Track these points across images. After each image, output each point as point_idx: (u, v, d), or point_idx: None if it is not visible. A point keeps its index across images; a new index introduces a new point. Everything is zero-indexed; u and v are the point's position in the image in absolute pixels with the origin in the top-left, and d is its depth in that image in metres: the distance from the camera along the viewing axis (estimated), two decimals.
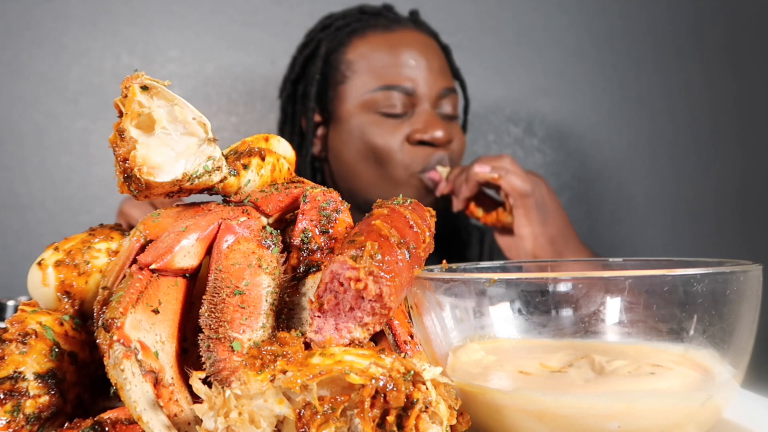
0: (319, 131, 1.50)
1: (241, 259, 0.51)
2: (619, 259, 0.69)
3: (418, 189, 1.39)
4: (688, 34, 2.12)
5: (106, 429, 0.48)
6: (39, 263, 0.57)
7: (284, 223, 0.60)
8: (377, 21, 1.46)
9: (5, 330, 0.53)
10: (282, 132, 1.55)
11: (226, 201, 0.59)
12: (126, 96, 0.51)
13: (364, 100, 1.39)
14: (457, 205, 1.33)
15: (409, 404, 0.40)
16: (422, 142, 1.38)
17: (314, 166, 1.52)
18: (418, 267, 0.51)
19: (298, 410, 0.39)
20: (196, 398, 0.45)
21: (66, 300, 0.56)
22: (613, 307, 0.54)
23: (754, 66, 2.13)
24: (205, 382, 0.44)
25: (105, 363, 0.46)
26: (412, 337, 0.53)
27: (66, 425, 0.49)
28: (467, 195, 1.30)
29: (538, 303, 0.56)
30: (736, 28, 2.13)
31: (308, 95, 1.47)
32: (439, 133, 1.37)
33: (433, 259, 0.65)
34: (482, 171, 1.25)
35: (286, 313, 0.52)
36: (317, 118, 1.49)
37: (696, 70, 2.12)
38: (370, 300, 0.45)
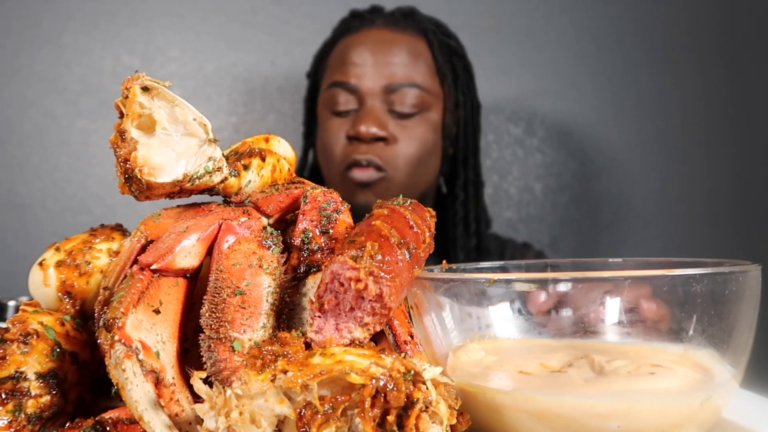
0: None
1: (242, 260, 0.51)
2: (619, 259, 0.69)
3: (348, 187, 1.40)
4: (689, 34, 2.12)
5: (108, 429, 0.48)
6: (40, 263, 0.57)
7: (285, 223, 0.60)
8: (352, 24, 1.51)
9: (7, 330, 0.53)
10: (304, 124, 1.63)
11: (227, 201, 0.59)
12: (127, 97, 0.51)
13: (322, 99, 1.47)
14: None
15: (410, 404, 0.40)
16: (353, 138, 1.39)
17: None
18: (418, 267, 0.52)
19: (298, 410, 0.39)
20: (197, 398, 0.46)
21: (67, 300, 0.56)
22: (612, 307, 0.54)
23: (756, 67, 2.13)
24: (206, 381, 0.44)
25: (106, 363, 0.46)
26: (412, 337, 0.53)
27: (67, 425, 0.49)
28: None
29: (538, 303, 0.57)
30: (738, 29, 2.14)
31: (305, 97, 1.58)
32: (364, 128, 1.35)
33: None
34: None
35: (286, 313, 0.52)
36: None
37: (697, 71, 2.12)
38: (371, 300, 0.45)
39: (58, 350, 0.53)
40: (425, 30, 1.50)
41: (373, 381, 0.39)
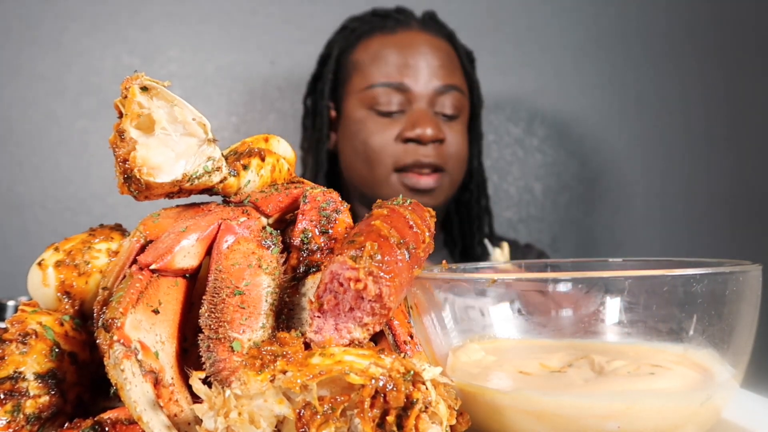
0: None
1: (241, 260, 0.51)
2: (619, 259, 0.69)
3: (397, 189, 1.41)
4: (689, 34, 2.12)
5: (106, 429, 0.48)
6: (39, 263, 0.57)
7: (284, 223, 0.60)
8: (385, 23, 1.50)
9: (5, 330, 0.53)
10: (303, 126, 1.61)
11: (226, 201, 0.59)
12: (126, 97, 0.51)
13: (360, 98, 1.44)
14: None
15: (409, 404, 0.40)
16: (410, 140, 1.40)
17: (330, 160, 1.57)
18: (418, 267, 0.51)
19: (298, 410, 0.39)
20: (196, 398, 0.46)
21: (66, 300, 0.56)
22: (612, 307, 0.54)
23: (757, 66, 2.13)
24: (205, 382, 0.44)
25: (105, 363, 0.46)
26: (411, 337, 0.53)
27: (66, 425, 0.49)
28: None
29: (538, 303, 0.56)
30: (739, 29, 2.13)
31: (323, 93, 1.54)
32: (421, 131, 1.38)
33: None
34: None
35: (286, 313, 0.52)
36: (333, 114, 1.55)
37: (697, 70, 2.12)
38: (370, 300, 0.45)
39: (56, 350, 0.52)
40: (450, 35, 1.53)
41: (373, 381, 0.39)
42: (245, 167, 0.58)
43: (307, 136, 1.59)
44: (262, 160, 0.60)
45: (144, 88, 0.51)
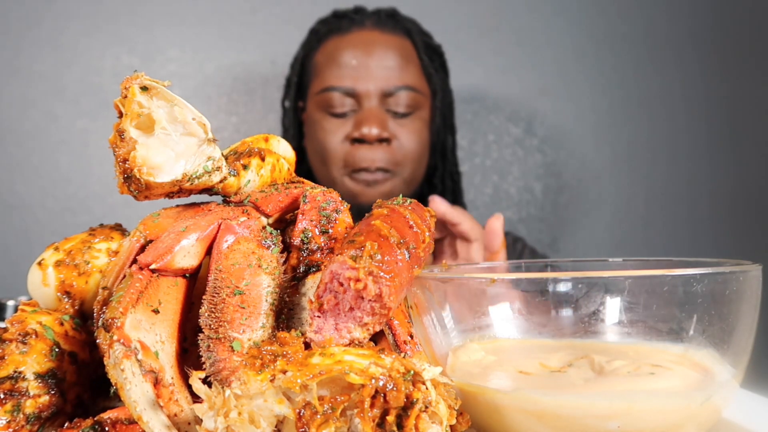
0: None
1: (241, 259, 0.51)
2: (619, 259, 0.69)
3: (349, 191, 1.43)
4: (687, 34, 2.12)
5: (106, 429, 0.48)
6: (39, 263, 0.57)
7: (284, 223, 0.60)
8: (340, 24, 1.51)
9: (5, 330, 0.53)
10: (282, 126, 1.64)
11: (226, 201, 0.59)
12: (126, 96, 0.51)
13: (317, 100, 1.47)
14: None
15: (409, 404, 0.40)
16: (357, 140, 1.41)
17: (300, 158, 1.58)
18: (418, 267, 0.51)
19: (298, 410, 0.39)
20: (196, 398, 0.45)
21: (66, 300, 0.56)
22: (612, 307, 0.54)
23: (754, 67, 2.13)
24: (205, 381, 0.44)
25: (105, 363, 0.46)
26: (411, 337, 0.53)
27: (66, 425, 0.49)
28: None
29: (538, 303, 0.56)
30: (735, 30, 2.13)
31: (288, 94, 1.59)
32: (367, 130, 1.39)
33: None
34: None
35: (286, 313, 0.52)
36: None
37: (695, 71, 2.12)
38: (370, 300, 0.45)
39: (56, 350, 0.52)
40: (409, 30, 1.52)
41: (373, 381, 0.39)
42: (245, 167, 0.58)
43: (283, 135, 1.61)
44: (262, 160, 0.60)
45: (144, 88, 0.51)
